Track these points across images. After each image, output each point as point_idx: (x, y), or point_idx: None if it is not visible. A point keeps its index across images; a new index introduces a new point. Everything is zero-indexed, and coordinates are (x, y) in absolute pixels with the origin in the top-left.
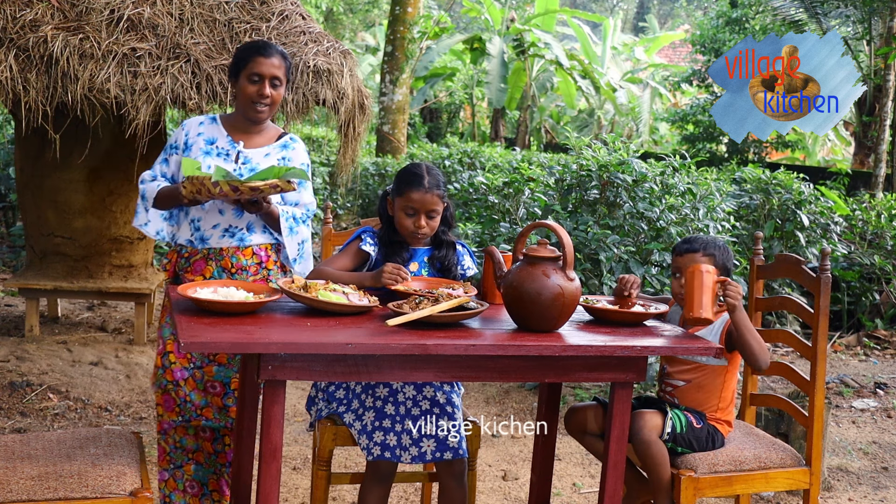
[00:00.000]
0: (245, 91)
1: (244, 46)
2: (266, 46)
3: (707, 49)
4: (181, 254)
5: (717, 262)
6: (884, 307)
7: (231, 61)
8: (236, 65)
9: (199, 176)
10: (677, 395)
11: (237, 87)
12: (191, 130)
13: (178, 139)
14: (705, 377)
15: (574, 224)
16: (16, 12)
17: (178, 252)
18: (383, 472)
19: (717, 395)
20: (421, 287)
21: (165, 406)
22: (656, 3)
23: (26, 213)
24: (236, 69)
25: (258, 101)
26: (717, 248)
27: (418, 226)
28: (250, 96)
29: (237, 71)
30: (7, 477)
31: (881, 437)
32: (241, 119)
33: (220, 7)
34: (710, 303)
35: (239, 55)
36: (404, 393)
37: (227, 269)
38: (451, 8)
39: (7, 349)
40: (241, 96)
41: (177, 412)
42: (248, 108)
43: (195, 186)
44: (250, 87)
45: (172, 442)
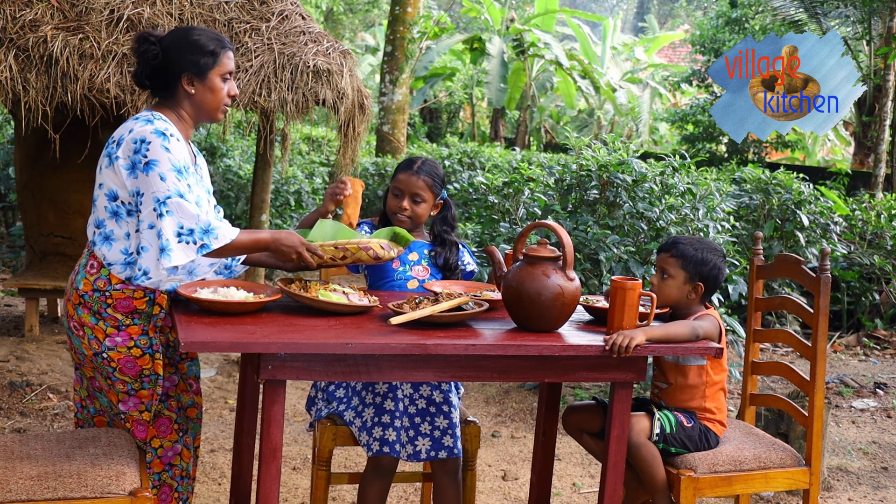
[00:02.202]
0: (217, 88)
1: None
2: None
3: (707, 49)
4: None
5: (687, 265)
6: (883, 307)
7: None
8: (203, 58)
9: (353, 242)
10: (664, 398)
11: (203, 83)
12: (182, 144)
13: (186, 161)
14: (687, 378)
15: (574, 224)
16: (16, 12)
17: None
18: (384, 467)
19: (702, 395)
20: (460, 290)
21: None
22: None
23: (26, 213)
24: (204, 65)
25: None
26: (694, 249)
27: (401, 207)
28: (222, 98)
29: (209, 67)
30: (7, 477)
31: (881, 437)
32: (190, 123)
33: (220, 7)
34: (632, 322)
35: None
36: (402, 390)
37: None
38: (451, 8)
39: (7, 349)
40: (209, 96)
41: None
42: (219, 110)
43: (339, 253)
44: (223, 84)
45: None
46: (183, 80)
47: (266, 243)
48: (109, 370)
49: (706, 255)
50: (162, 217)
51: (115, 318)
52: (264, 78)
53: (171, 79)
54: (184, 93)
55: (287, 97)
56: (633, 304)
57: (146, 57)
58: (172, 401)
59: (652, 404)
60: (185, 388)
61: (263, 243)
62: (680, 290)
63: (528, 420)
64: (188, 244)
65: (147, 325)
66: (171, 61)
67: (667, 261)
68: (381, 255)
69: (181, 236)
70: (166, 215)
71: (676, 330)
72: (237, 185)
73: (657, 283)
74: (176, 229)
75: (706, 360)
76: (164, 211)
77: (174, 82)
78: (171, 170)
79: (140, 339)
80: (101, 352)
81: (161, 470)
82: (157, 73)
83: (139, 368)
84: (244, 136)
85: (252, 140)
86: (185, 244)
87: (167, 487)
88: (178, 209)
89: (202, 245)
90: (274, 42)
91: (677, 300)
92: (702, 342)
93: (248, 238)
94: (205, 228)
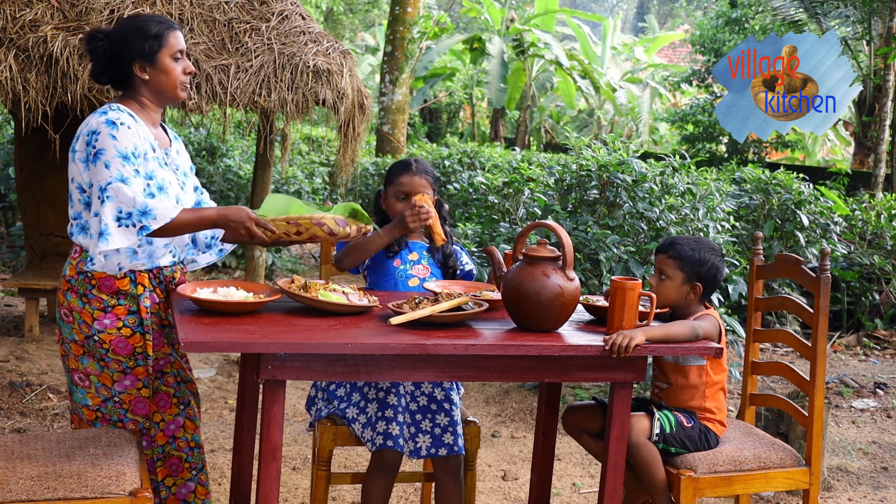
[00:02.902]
0: (170, 69)
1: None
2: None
3: (707, 49)
4: (159, 277)
5: (685, 265)
6: (883, 307)
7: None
8: (148, 42)
9: (305, 216)
10: (664, 398)
11: (154, 67)
12: (135, 130)
13: (137, 146)
14: (688, 378)
15: (574, 224)
16: (16, 12)
17: (157, 275)
18: (388, 463)
19: (702, 394)
20: (460, 290)
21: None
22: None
23: (26, 213)
24: (151, 49)
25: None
26: (692, 250)
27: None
28: (177, 77)
29: (156, 50)
30: (7, 477)
31: (881, 437)
32: (154, 108)
33: (219, 7)
34: (632, 322)
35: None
36: (404, 387)
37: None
38: (451, 8)
39: (7, 349)
40: (163, 78)
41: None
42: (178, 89)
43: (293, 228)
44: (174, 63)
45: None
46: (135, 68)
47: (212, 220)
48: (102, 352)
49: (704, 254)
50: (103, 203)
51: (101, 299)
52: (264, 78)
53: (125, 69)
54: (139, 80)
55: (287, 97)
56: (632, 304)
57: (97, 53)
58: (169, 377)
59: (652, 404)
60: (181, 364)
61: (209, 220)
62: (678, 290)
63: (528, 420)
64: (128, 227)
65: (135, 306)
66: (119, 52)
67: (664, 262)
68: (336, 231)
69: (120, 220)
70: (107, 201)
71: (676, 330)
72: (237, 185)
73: (655, 284)
74: (115, 213)
75: (706, 360)
76: (105, 197)
77: (128, 72)
78: (116, 156)
79: (128, 319)
80: (92, 335)
81: (165, 442)
82: (110, 67)
83: (131, 347)
84: (244, 136)
85: (252, 140)
86: (124, 227)
87: (175, 459)
88: (118, 194)
89: (141, 227)
90: (274, 42)
91: (676, 301)
92: (702, 342)
93: (191, 216)
94: (142, 210)
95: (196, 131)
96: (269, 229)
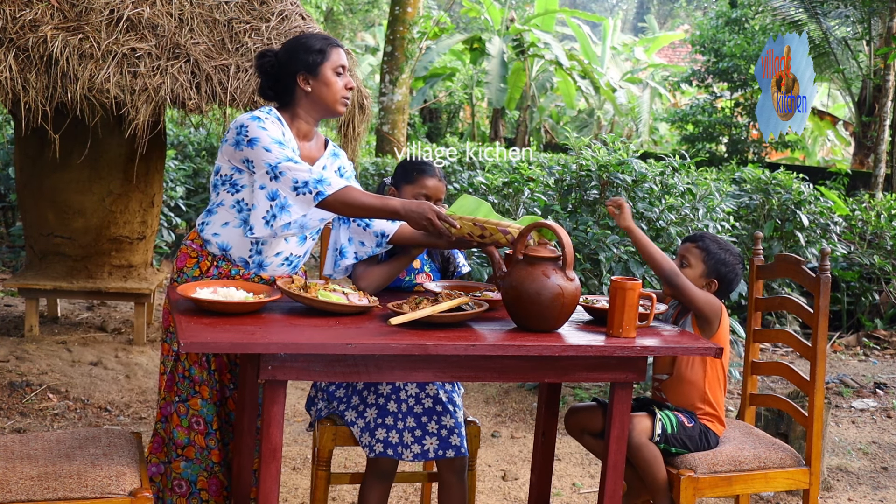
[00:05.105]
0: (332, 81)
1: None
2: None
3: (707, 49)
4: (220, 266)
5: (709, 259)
6: (883, 307)
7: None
8: (312, 56)
9: (492, 221)
10: (664, 390)
11: (316, 79)
12: (279, 128)
13: (285, 135)
14: (686, 367)
15: (574, 224)
16: (16, 12)
17: (216, 263)
18: (384, 469)
19: (702, 386)
20: (460, 290)
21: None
22: (656, 3)
23: (26, 213)
24: (314, 62)
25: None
26: (719, 248)
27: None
28: (338, 90)
29: (319, 63)
30: (6, 477)
31: (881, 437)
32: (308, 121)
33: (219, 7)
34: (632, 322)
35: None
36: (406, 391)
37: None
38: (451, 8)
39: (7, 349)
40: (325, 90)
41: (175, 391)
42: (338, 103)
43: (477, 230)
44: (336, 77)
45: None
46: (298, 80)
47: (395, 209)
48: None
49: (728, 256)
50: (276, 179)
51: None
52: None
53: (289, 82)
54: (301, 92)
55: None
56: (632, 304)
57: (265, 68)
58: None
59: (653, 404)
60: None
61: (392, 209)
62: (695, 281)
63: (528, 420)
64: (305, 195)
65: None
66: (285, 66)
67: (690, 250)
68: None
69: (297, 190)
70: (280, 177)
71: (657, 254)
72: None
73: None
74: (292, 185)
75: (706, 354)
76: (277, 174)
77: (291, 84)
78: (273, 142)
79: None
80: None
81: (160, 419)
82: (276, 81)
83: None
84: None
85: None
86: (302, 196)
87: (158, 437)
88: (290, 170)
89: (317, 193)
90: (274, 42)
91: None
92: (702, 342)
93: (378, 200)
94: (318, 179)
95: (196, 131)
96: (450, 223)
